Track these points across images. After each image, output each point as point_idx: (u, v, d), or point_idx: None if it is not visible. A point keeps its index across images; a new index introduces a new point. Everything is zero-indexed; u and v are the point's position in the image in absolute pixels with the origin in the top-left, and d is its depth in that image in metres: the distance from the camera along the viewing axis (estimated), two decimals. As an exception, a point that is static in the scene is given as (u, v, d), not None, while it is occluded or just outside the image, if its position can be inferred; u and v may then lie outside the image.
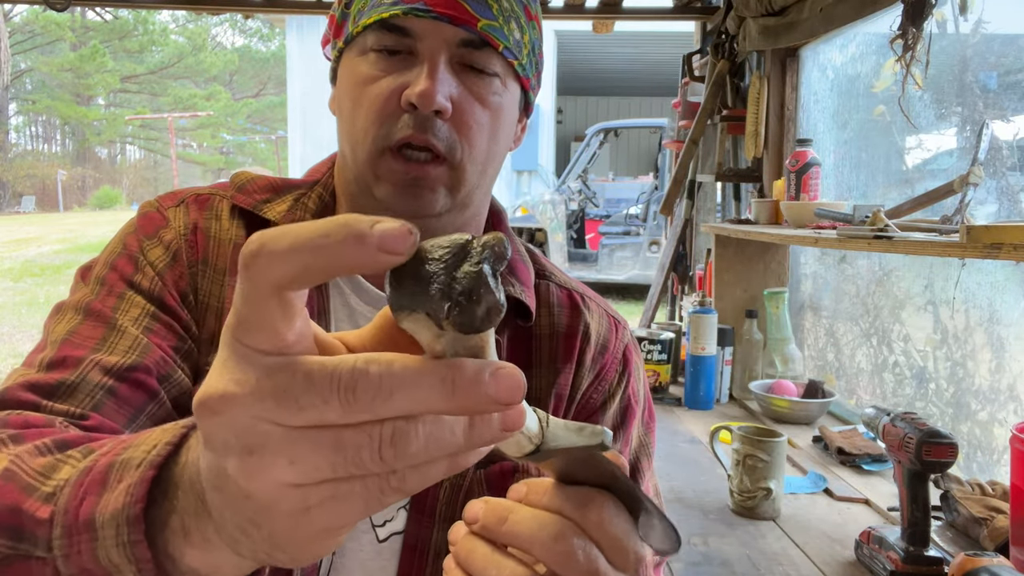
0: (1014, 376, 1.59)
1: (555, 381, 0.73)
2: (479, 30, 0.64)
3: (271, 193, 0.74)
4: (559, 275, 0.80)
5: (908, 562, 1.10)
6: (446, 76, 0.64)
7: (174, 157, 16.71)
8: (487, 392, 0.29)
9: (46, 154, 29.23)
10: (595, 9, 2.93)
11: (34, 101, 26.70)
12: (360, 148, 0.67)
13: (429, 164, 0.65)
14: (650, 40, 9.69)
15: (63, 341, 0.63)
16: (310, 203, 0.73)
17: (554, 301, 0.76)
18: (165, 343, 0.65)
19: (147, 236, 0.70)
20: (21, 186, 25.06)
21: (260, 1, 2.86)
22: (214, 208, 0.72)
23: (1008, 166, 1.59)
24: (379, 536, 0.70)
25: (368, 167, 0.67)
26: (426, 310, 0.28)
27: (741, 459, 1.39)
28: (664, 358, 2.17)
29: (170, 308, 0.67)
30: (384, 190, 0.66)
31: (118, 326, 0.64)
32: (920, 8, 1.54)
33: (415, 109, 0.64)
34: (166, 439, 0.39)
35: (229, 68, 27.77)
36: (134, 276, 0.67)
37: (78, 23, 25.33)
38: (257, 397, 0.28)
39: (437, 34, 0.64)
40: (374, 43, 0.66)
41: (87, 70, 24.39)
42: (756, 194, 2.48)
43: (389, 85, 0.65)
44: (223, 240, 0.70)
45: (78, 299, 0.66)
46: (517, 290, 0.73)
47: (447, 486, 0.69)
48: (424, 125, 0.64)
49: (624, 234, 7.95)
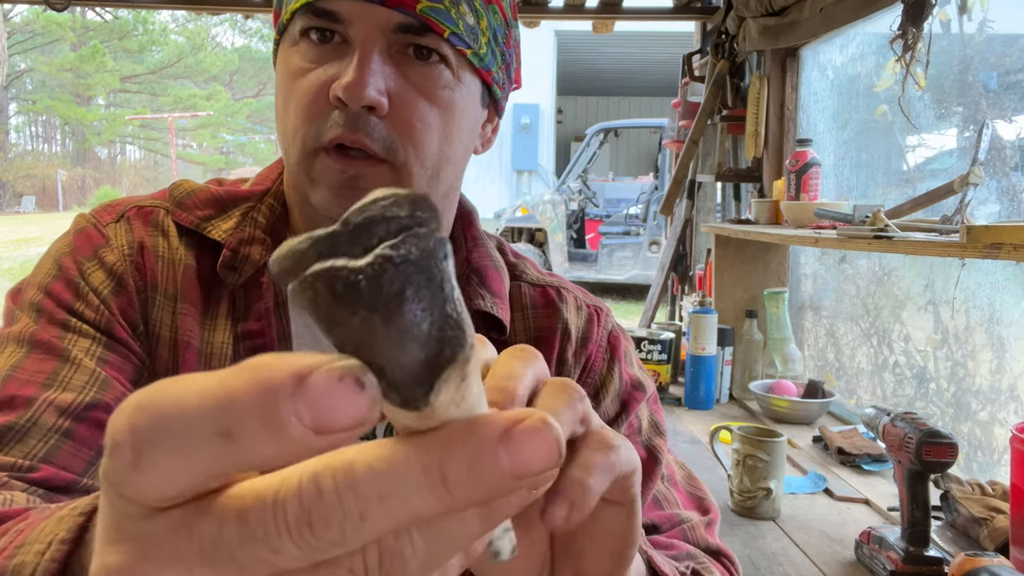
0: (1014, 376, 1.59)
1: None
2: (417, 12, 0.56)
3: (213, 208, 0.65)
4: (531, 272, 0.74)
5: (908, 562, 1.10)
6: (379, 66, 0.56)
7: (174, 157, 16.69)
8: (502, 470, 0.20)
9: (46, 154, 29.24)
10: (595, 9, 2.93)
11: (34, 101, 26.70)
12: (292, 150, 0.59)
13: (367, 161, 0.58)
14: (650, 40, 9.69)
15: (6, 378, 0.55)
16: (260, 217, 0.65)
17: (527, 303, 0.71)
18: (122, 376, 0.58)
19: (85, 257, 0.61)
20: (21, 186, 25.06)
21: (260, 1, 2.86)
22: (159, 223, 0.64)
23: (1011, 166, 1.59)
24: None
25: (301, 170, 0.59)
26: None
27: (741, 459, 1.39)
28: (664, 358, 2.17)
29: (121, 340, 0.59)
30: (320, 194, 0.59)
31: (71, 358, 0.56)
32: (920, 8, 1.54)
33: (344, 105, 0.56)
34: (61, 534, 0.33)
35: (229, 68, 27.76)
36: (75, 304, 0.59)
37: (78, 23, 25.33)
38: (180, 570, 0.20)
39: (369, 18, 0.56)
40: (302, 30, 0.58)
41: (87, 70, 24.39)
42: (756, 194, 2.48)
43: (319, 78, 0.57)
44: (173, 261, 0.63)
45: (18, 329, 0.58)
46: (488, 303, 0.66)
47: None
48: (355, 123, 0.56)
49: (624, 234, 7.95)
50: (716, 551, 0.67)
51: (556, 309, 0.71)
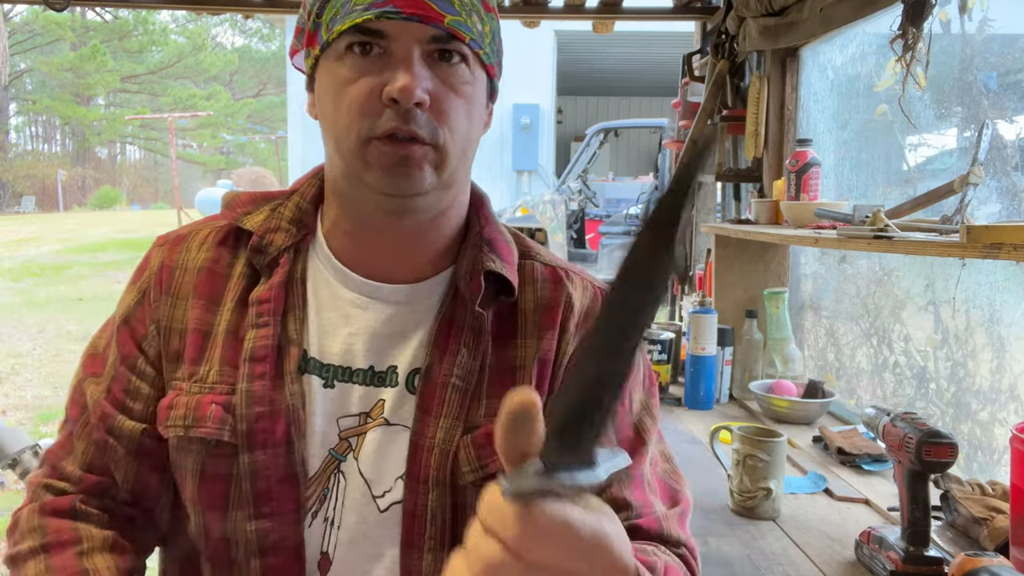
0: (1015, 376, 1.59)
1: (539, 348, 0.77)
2: (446, 26, 0.69)
3: (251, 205, 0.82)
4: (544, 255, 0.84)
5: (908, 562, 1.10)
6: (422, 71, 0.69)
7: (174, 157, 16.67)
8: None
9: (46, 154, 29.22)
10: (595, 9, 2.93)
11: (34, 101, 26.68)
12: (345, 142, 0.71)
13: (415, 144, 0.70)
14: (650, 40, 9.68)
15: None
16: (286, 211, 0.80)
17: (538, 277, 0.81)
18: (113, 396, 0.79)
19: (132, 282, 0.83)
20: (21, 186, 25.05)
21: (260, 1, 2.86)
22: (187, 243, 0.81)
23: (1011, 166, 1.58)
24: (380, 507, 0.74)
25: (357, 156, 0.71)
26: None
27: (741, 459, 1.39)
28: (664, 358, 2.17)
29: (131, 356, 0.79)
30: (374, 174, 0.71)
31: (72, 438, 0.80)
32: (920, 8, 1.54)
33: (396, 103, 0.68)
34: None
35: (229, 68, 27.76)
36: (112, 338, 0.81)
37: (78, 23, 25.31)
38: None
39: (409, 33, 0.69)
40: (348, 45, 0.70)
41: (87, 70, 24.38)
42: (756, 194, 2.47)
43: (369, 84, 0.69)
44: (188, 268, 0.79)
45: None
46: (498, 265, 0.77)
47: (437, 452, 0.73)
48: (407, 117, 0.69)
49: (624, 234, 7.95)
50: (679, 542, 0.75)
51: (563, 284, 0.81)
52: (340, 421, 0.75)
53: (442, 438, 0.73)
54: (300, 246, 0.79)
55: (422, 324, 0.77)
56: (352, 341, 0.76)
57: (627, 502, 0.74)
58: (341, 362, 0.76)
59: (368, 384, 0.76)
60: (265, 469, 0.72)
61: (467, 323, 0.76)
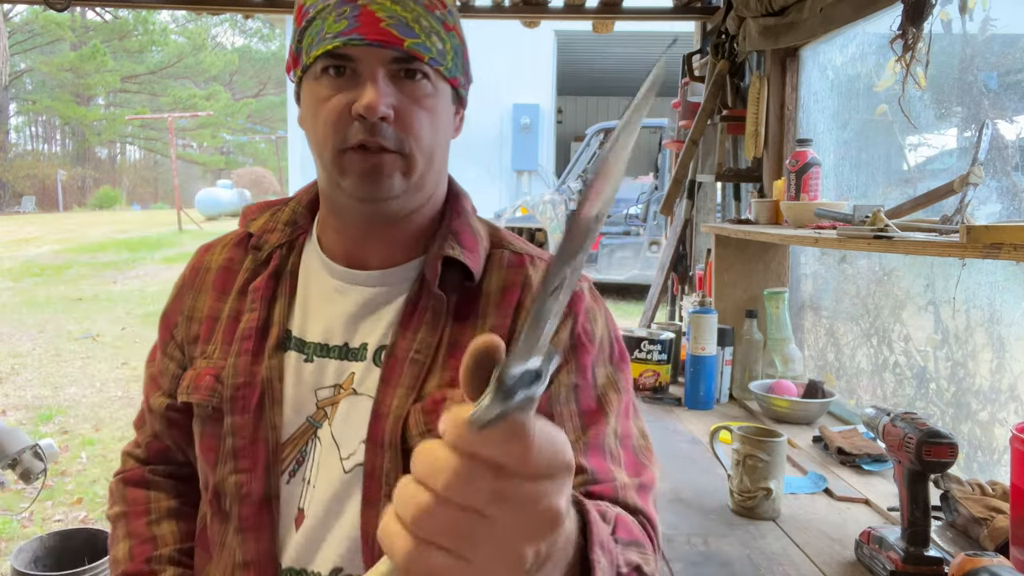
0: (1015, 376, 1.59)
1: (493, 325, 0.83)
2: (406, 48, 0.78)
3: (258, 213, 0.95)
4: (518, 244, 0.91)
5: (908, 562, 1.10)
6: (387, 88, 0.78)
7: (174, 157, 16.68)
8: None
9: (46, 154, 29.23)
10: (595, 9, 2.93)
11: (34, 101, 26.69)
12: (324, 152, 0.81)
13: (384, 153, 0.79)
14: (650, 40, 9.68)
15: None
16: (282, 215, 0.94)
17: (504, 264, 0.88)
18: (168, 374, 0.95)
19: (176, 283, 0.99)
20: (21, 186, 25.05)
21: (260, 1, 2.86)
22: (213, 248, 0.97)
23: (1011, 166, 1.58)
24: (345, 468, 0.84)
25: (334, 165, 0.81)
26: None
27: (741, 459, 1.39)
28: (664, 358, 2.17)
29: (165, 340, 0.96)
30: (350, 181, 0.80)
31: (144, 412, 1.00)
32: (920, 8, 1.54)
33: (363, 118, 0.77)
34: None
35: (229, 68, 27.77)
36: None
37: (78, 23, 25.32)
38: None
39: (373, 56, 0.78)
40: (323, 68, 0.80)
41: (87, 70, 24.39)
42: (756, 194, 2.47)
43: (340, 101, 0.79)
44: (210, 268, 0.95)
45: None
46: (457, 252, 0.85)
47: (391, 418, 0.81)
48: (373, 130, 0.78)
49: (624, 234, 7.96)
50: (636, 510, 0.77)
51: (524, 268, 0.88)
52: (318, 392, 0.86)
53: (396, 405, 0.82)
54: (294, 244, 0.92)
55: (392, 306, 0.87)
56: (332, 322, 0.87)
57: (582, 467, 0.77)
58: (321, 340, 0.87)
59: (342, 359, 0.86)
60: (242, 430, 0.85)
61: (430, 304, 0.85)
